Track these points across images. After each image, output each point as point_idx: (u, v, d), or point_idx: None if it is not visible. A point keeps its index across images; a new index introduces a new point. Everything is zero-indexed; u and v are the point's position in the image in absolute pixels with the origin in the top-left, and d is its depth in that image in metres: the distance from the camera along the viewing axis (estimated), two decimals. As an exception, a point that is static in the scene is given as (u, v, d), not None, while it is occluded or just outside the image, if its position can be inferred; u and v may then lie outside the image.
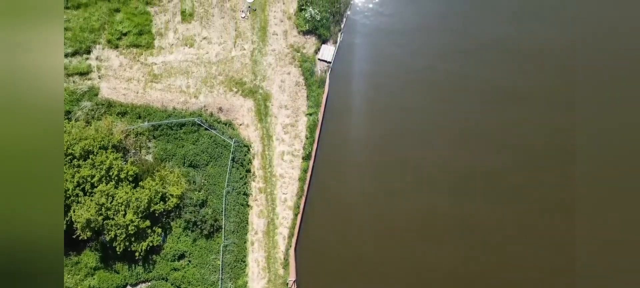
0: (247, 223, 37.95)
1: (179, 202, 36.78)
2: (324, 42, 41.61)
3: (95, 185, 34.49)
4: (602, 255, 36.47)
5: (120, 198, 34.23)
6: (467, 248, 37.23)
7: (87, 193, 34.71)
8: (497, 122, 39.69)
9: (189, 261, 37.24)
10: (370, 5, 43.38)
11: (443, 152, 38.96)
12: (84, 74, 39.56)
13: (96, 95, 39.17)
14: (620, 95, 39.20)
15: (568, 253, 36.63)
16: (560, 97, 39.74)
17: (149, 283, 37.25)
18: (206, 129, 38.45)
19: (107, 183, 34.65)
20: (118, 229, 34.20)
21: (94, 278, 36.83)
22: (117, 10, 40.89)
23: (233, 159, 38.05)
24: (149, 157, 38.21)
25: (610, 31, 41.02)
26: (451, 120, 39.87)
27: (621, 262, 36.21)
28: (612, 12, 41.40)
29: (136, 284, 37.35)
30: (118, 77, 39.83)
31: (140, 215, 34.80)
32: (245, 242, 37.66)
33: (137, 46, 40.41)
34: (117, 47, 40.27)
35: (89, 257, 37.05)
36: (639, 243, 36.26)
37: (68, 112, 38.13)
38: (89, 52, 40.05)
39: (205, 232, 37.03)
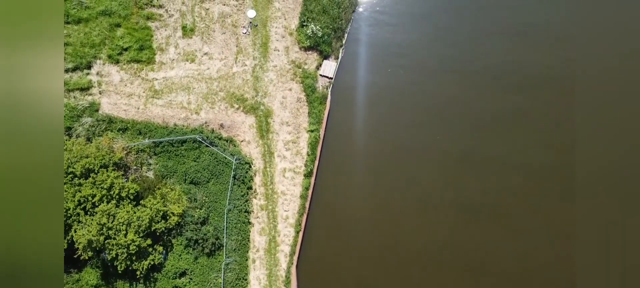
0: (248, 240, 37.84)
1: (180, 220, 36.66)
2: (326, 57, 41.50)
3: (97, 204, 34.35)
4: (602, 253, 36.45)
5: (122, 217, 34.06)
6: (470, 265, 37.16)
7: (88, 213, 34.56)
8: (502, 131, 40.03)
9: (190, 279, 37.07)
10: (372, 21, 43.30)
11: (447, 170, 38.90)
12: (85, 89, 39.34)
13: (97, 111, 38.95)
14: (621, 96, 39.83)
15: (568, 253, 36.75)
16: (561, 111, 40.35)
17: (150, 301, 37.14)
18: (207, 146, 38.31)
19: (108, 203, 34.51)
20: (119, 249, 34.03)
21: (95, 296, 36.72)
22: (118, 25, 40.73)
23: (234, 176, 37.93)
24: (150, 174, 38.05)
25: (609, 45, 41.52)
26: (455, 136, 39.83)
27: (621, 260, 36.27)
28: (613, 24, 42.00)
29: (137, 302, 37.23)
30: (119, 92, 39.62)
31: (141, 234, 34.68)
32: (246, 260, 37.56)
33: (137, 61, 40.24)
34: (117, 62, 40.07)
35: (90, 275, 36.83)
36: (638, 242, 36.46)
37: (68, 128, 37.91)
38: (89, 67, 39.85)
39: (206, 250, 36.91)
